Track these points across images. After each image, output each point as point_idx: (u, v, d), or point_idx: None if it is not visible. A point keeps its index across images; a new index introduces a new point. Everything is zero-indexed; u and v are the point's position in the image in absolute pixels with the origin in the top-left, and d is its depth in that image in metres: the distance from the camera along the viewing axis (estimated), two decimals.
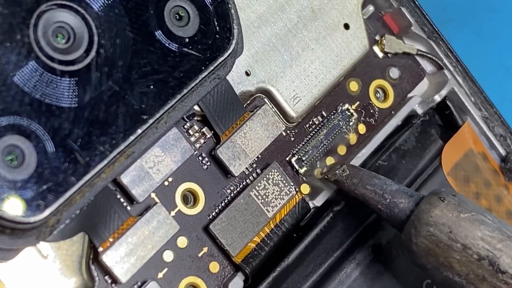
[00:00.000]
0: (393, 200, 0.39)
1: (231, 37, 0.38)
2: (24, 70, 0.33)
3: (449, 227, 0.37)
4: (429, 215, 0.37)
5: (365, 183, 0.40)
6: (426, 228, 0.37)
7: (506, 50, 0.66)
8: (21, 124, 0.33)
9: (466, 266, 0.37)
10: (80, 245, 0.36)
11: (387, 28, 0.46)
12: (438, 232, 0.37)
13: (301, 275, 0.40)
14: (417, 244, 0.38)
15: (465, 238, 0.37)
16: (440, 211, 0.37)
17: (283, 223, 0.41)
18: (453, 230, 0.37)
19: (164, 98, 0.36)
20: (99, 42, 0.35)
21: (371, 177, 0.40)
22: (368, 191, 0.40)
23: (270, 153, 0.42)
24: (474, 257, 0.37)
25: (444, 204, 0.38)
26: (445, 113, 0.46)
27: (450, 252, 0.37)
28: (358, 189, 0.40)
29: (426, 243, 0.37)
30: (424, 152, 0.45)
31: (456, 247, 0.37)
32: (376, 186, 0.40)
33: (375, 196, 0.39)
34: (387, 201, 0.39)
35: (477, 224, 0.37)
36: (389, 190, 0.39)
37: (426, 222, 0.37)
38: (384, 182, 0.40)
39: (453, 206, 0.37)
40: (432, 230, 0.37)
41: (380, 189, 0.39)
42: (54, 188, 0.33)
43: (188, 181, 0.39)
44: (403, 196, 0.39)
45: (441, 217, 0.37)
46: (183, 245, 0.39)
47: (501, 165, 0.46)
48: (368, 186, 0.40)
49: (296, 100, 0.42)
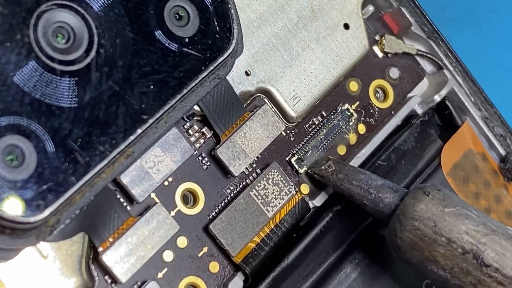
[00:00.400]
0: (378, 195, 0.39)
1: (231, 37, 0.38)
2: (24, 70, 0.33)
3: (434, 221, 0.37)
4: (414, 209, 0.38)
5: (350, 178, 0.40)
6: (411, 223, 0.37)
7: (506, 50, 0.66)
8: (21, 124, 0.33)
9: (450, 260, 0.37)
10: (80, 245, 0.36)
11: (387, 28, 0.46)
12: (423, 226, 0.37)
13: (301, 275, 0.40)
14: (402, 239, 0.38)
15: (450, 232, 0.37)
16: (425, 206, 0.38)
17: (283, 223, 0.41)
18: (437, 224, 0.37)
19: (164, 98, 0.36)
20: (99, 42, 0.35)
21: (356, 173, 0.40)
22: (353, 186, 0.40)
23: (270, 153, 0.42)
24: (459, 251, 0.37)
25: (428, 198, 0.38)
26: (444, 113, 0.46)
27: (435, 246, 0.37)
28: (344, 185, 0.40)
29: (411, 237, 0.37)
30: (424, 152, 0.45)
31: (440, 241, 0.37)
32: (361, 181, 0.40)
33: (360, 191, 0.40)
34: (372, 196, 0.39)
35: (461, 218, 0.37)
36: (374, 185, 0.40)
37: (411, 217, 0.38)
38: (369, 177, 0.40)
39: (438, 200, 0.38)
40: (417, 225, 0.37)
41: (365, 184, 0.40)
42: (54, 188, 0.33)
43: (188, 181, 0.39)
44: (388, 191, 0.39)
45: (426, 212, 0.37)
46: (183, 245, 0.39)
47: (500, 165, 0.46)
48: (354, 181, 0.40)
49: (296, 100, 0.42)
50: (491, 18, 0.67)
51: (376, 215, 0.39)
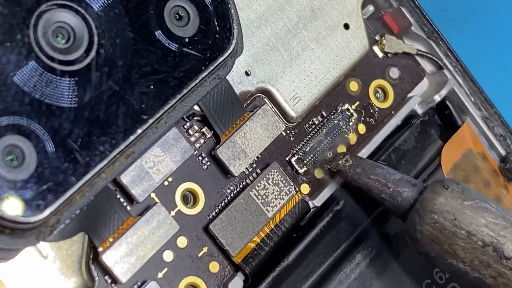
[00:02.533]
0: (397, 189, 0.39)
1: (231, 37, 0.38)
2: (24, 70, 0.33)
3: (453, 215, 0.37)
4: (434, 202, 0.38)
5: (368, 172, 0.40)
6: (430, 216, 0.38)
7: (506, 50, 0.66)
8: (21, 124, 0.33)
9: (470, 252, 0.37)
10: (80, 245, 0.36)
11: (387, 28, 0.46)
12: (442, 219, 0.37)
13: (301, 275, 0.40)
14: (421, 232, 0.38)
15: (469, 225, 0.37)
16: (445, 199, 0.38)
17: (283, 223, 0.41)
18: (457, 217, 0.37)
19: (164, 98, 0.36)
20: (99, 42, 0.35)
21: (374, 167, 0.40)
22: (371, 181, 0.40)
23: (270, 153, 0.42)
24: (479, 244, 0.37)
25: (448, 192, 0.38)
26: (444, 113, 0.46)
27: (455, 239, 0.37)
28: (362, 179, 0.40)
29: (431, 230, 0.38)
30: (424, 152, 0.45)
31: (460, 234, 0.37)
32: (379, 176, 0.40)
33: (379, 185, 0.40)
34: (391, 190, 0.39)
35: (481, 212, 0.37)
36: (392, 179, 0.40)
37: (431, 210, 0.38)
38: (387, 171, 0.40)
39: (457, 193, 0.38)
40: (437, 218, 0.37)
41: (383, 178, 0.40)
42: (54, 188, 0.33)
43: (188, 181, 0.39)
44: (406, 185, 0.39)
45: (445, 205, 0.38)
46: (183, 245, 0.39)
47: (500, 165, 0.46)
48: (372, 175, 0.40)
49: (296, 100, 0.42)
50: (491, 18, 0.67)
51: (394, 209, 0.39)
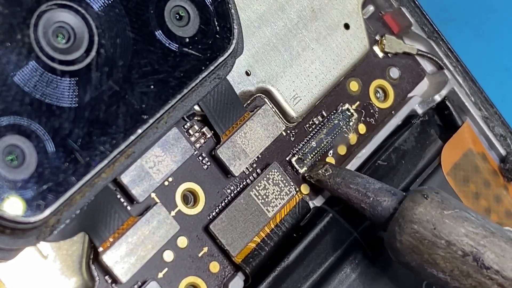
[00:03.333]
0: (376, 198, 0.39)
1: (231, 37, 0.38)
2: (24, 70, 0.33)
3: (433, 224, 0.37)
4: (413, 212, 0.38)
5: (348, 182, 0.40)
6: (410, 226, 0.37)
7: (506, 50, 0.66)
8: (21, 124, 0.33)
9: (450, 262, 0.37)
10: (80, 245, 0.36)
11: (387, 28, 0.46)
12: (422, 229, 0.37)
13: (301, 275, 0.40)
14: (401, 242, 0.38)
15: (449, 234, 0.37)
16: (424, 208, 0.37)
17: (283, 223, 0.41)
18: (437, 227, 0.37)
19: (165, 98, 0.36)
20: (100, 42, 0.35)
21: (354, 176, 0.40)
22: (351, 190, 0.40)
23: (270, 153, 0.42)
24: (459, 253, 0.37)
25: (427, 201, 0.38)
26: (444, 113, 0.46)
27: (435, 249, 0.37)
28: (341, 188, 0.40)
29: (410, 240, 0.37)
30: (424, 152, 0.45)
31: (440, 244, 0.37)
32: (359, 185, 0.40)
33: (358, 195, 0.40)
34: (370, 200, 0.39)
35: (460, 221, 0.37)
36: (372, 188, 0.40)
37: (410, 220, 0.37)
38: (367, 181, 0.40)
39: (437, 203, 0.38)
40: (416, 227, 0.37)
41: (363, 188, 0.40)
42: (54, 188, 0.33)
43: (188, 181, 0.39)
44: (386, 194, 0.39)
45: (424, 214, 0.37)
46: (183, 245, 0.39)
47: (500, 165, 0.46)
48: (351, 185, 0.40)
49: (296, 100, 0.42)
50: (491, 18, 0.67)
51: (374, 219, 0.39)
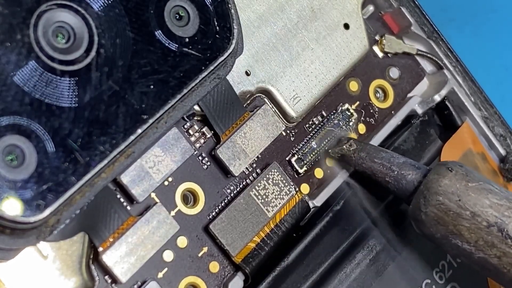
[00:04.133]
0: (401, 172, 0.40)
1: (231, 37, 0.38)
2: (24, 70, 0.33)
3: (458, 196, 0.38)
4: (438, 184, 0.38)
5: (372, 156, 0.41)
6: (435, 197, 0.38)
7: (506, 50, 0.66)
8: (21, 124, 0.33)
9: (475, 233, 0.37)
10: (80, 245, 0.36)
11: (387, 28, 0.46)
12: (447, 200, 0.38)
13: (301, 275, 0.40)
14: (426, 214, 0.38)
15: (474, 206, 0.37)
16: (449, 181, 0.38)
17: (283, 223, 0.41)
18: (462, 199, 0.38)
19: (164, 98, 0.36)
20: (99, 42, 0.35)
21: (378, 151, 0.41)
22: (375, 164, 0.40)
23: (270, 153, 0.42)
24: (483, 224, 0.37)
25: (452, 174, 0.38)
26: (444, 113, 0.46)
27: (459, 220, 0.38)
28: (366, 163, 0.41)
29: (436, 212, 0.38)
30: (423, 152, 0.45)
31: (465, 215, 0.37)
32: (383, 159, 0.40)
33: (383, 169, 0.40)
34: (395, 173, 0.40)
35: (485, 193, 0.38)
36: (396, 162, 0.40)
37: (436, 192, 0.38)
38: (391, 155, 0.41)
39: (461, 175, 0.38)
40: (442, 199, 0.38)
41: (388, 162, 0.40)
42: (54, 188, 0.33)
43: (188, 181, 0.39)
44: (411, 168, 0.40)
45: (450, 186, 0.38)
46: (183, 245, 0.39)
47: (500, 165, 0.46)
48: (376, 159, 0.41)
49: (296, 100, 0.42)
50: (491, 18, 0.67)
51: (398, 192, 0.40)
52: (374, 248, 0.41)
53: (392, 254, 0.42)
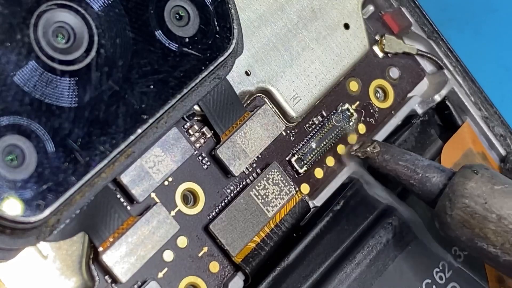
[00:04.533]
0: (425, 174, 0.40)
1: (231, 37, 0.38)
2: (24, 70, 0.33)
3: (484, 199, 0.38)
4: (464, 187, 0.38)
5: (397, 159, 0.41)
6: (461, 200, 0.38)
7: (506, 50, 0.66)
8: (21, 124, 0.33)
9: (501, 236, 0.37)
10: (80, 245, 0.36)
11: (387, 28, 0.46)
12: (473, 203, 0.38)
13: (301, 274, 0.40)
14: (452, 216, 0.38)
15: (500, 208, 0.38)
16: (475, 183, 0.38)
17: (283, 223, 0.41)
18: (488, 201, 0.38)
19: (164, 98, 0.36)
20: (99, 42, 0.35)
21: (403, 153, 0.41)
22: (400, 167, 0.40)
23: (270, 153, 0.42)
24: (510, 227, 0.37)
25: (478, 176, 0.38)
26: (444, 113, 0.46)
27: (486, 223, 0.38)
28: (390, 165, 0.41)
29: (461, 214, 0.38)
30: (424, 152, 0.45)
31: (491, 218, 0.38)
32: (408, 162, 0.40)
33: (407, 172, 0.40)
34: (419, 176, 0.40)
35: (511, 196, 0.38)
36: (421, 165, 0.40)
37: (462, 194, 0.38)
38: (416, 157, 0.41)
39: (487, 178, 0.38)
40: (467, 202, 0.38)
41: (412, 164, 0.40)
42: (54, 188, 0.33)
43: (188, 181, 0.39)
44: (435, 171, 0.40)
45: (476, 189, 0.38)
46: (183, 245, 0.39)
47: (500, 165, 0.46)
48: (400, 161, 0.40)
49: (296, 100, 0.42)
50: (491, 18, 0.67)
51: (423, 195, 0.40)
52: (374, 248, 0.41)
53: (392, 254, 0.42)
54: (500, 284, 0.44)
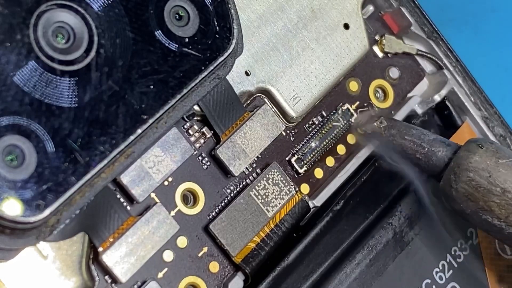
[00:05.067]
0: (431, 148, 0.40)
1: (231, 37, 0.38)
2: (24, 70, 0.33)
3: (488, 172, 0.38)
4: (469, 161, 0.38)
5: (403, 133, 0.41)
6: (466, 174, 0.38)
7: (506, 50, 0.66)
8: (21, 124, 0.33)
9: (505, 209, 0.38)
10: (80, 245, 0.36)
11: (387, 28, 0.46)
12: (478, 177, 0.38)
13: (301, 275, 0.40)
14: (457, 190, 0.39)
15: (504, 182, 0.38)
16: (479, 157, 0.38)
17: (283, 223, 0.41)
18: (492, 175, 0.38)
19: (164, 98, 0.36)
20: (99, 42, 0.35)
21: (409, 128, 0.41)
22: (406, 141, 0.41)
23: (270, 153, 0.42)
24: None
25: (482, 150, 0.39)
26: (444, 113, 0.46)
27: (490, 196, 0.38)
28: (396, 140, 0.41)
29: (466, 188, 0.38)
30: None
31: (495, 191, 0.38)
32: (414, 136, 0.41)
33: (413, 146, 0.40)
34: (425, 150, 0.40)
35: None
36: (427, 139, 0.40)
37: (466, 168, 0.38)
38: (422, 132, 0.41)
39: (492, 152, 0.39)
40: (472, 176, 0.38)
41: (418, 139, 0.40)
42: (54, 188, 0.33)
43: (188, 181, 0.39)
44: (441, 145, 0.40)
45: (480, 163, 0.38)
46: (183, 245, 0.39)
47: None
48: (406, 136, 0.41)
49: (296, 100, 0.42)
50: (491, 18, 0.67)
51: (429, 169, 0.40)
52: (374, 248, 0.41)
53: (392, 254, 0.42)
54: (500, 284, 0.44)
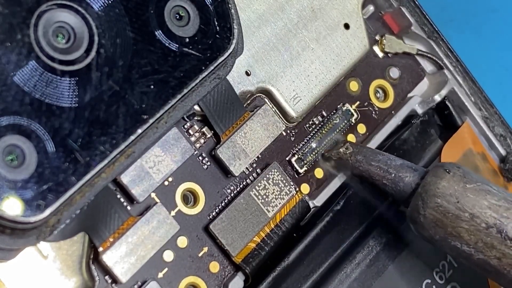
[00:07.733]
0: (398, 174, 0.40)
1: (231, 37, 0.38)
2: (24, 70, 0.33)
3: (456, 198, 0.38)
4: (436, 186, 0.38)
5: (369, 159, 0.41)
6: (433, 200, 0.38)
7: (506, 50, 0.66)
8: (21, 124, 0.33)
9: (474, 235, 0.37)
10: (80, 245, 0.36)
11: (387, 28, 0.46)
12: (445, 203, 0.38)
13: (301, 275, 0.40)
14: (425, 216, 0.38)
15: (473, 207, 0.37)
16: (447, 183, 0.38)
17: (283, 223, 0.41)
18: (460, 200, 0.38)
19: (165, 98, 0.36)
20: (100, 42, 0.35)
21: (375, 154, 0.41)
22: (372, 167, 0.40)
23: (270, 153, 0.42)
24: (482, 226, 0.37)
25: (450, 175, 0.38)
26: (444, 113, 0.46)
27: (458, 222, 0.38)
28: (363, 166, 0.41)
29: (434, 214, 0.38)
30: (424, 152, 0.45)
31: (464, 217, 0.37)
32: (380, 162, 0.40)
33: (380, 172, 0.40)
34: (392, 176, 0.40)
35: (483, 194, 0.38)
36: (394, 165, 0.40)
37: (434, 194, 0.38)
38: (388, 157, 0.41)
39: (459, 177, 0.38)
40: (440, 201, 0.38)
41: (385, 165, 0.40)
42: (54, 188, 0.33)
43: (188, 181, 0.39)
44: (408, 170, 0.40)
45: (448, 188, 0.38)
46: (183, 245, 0.39)
47: (500, 165, 0.46)
48: (373, 162, 0.40)
49: (296, 100, 0.42)
50: (491, 18, 0.67)
51: (396, 195, 0.40)
52: (374, 248, 0.41)
53: (392, 254, 0.42)
54: None
